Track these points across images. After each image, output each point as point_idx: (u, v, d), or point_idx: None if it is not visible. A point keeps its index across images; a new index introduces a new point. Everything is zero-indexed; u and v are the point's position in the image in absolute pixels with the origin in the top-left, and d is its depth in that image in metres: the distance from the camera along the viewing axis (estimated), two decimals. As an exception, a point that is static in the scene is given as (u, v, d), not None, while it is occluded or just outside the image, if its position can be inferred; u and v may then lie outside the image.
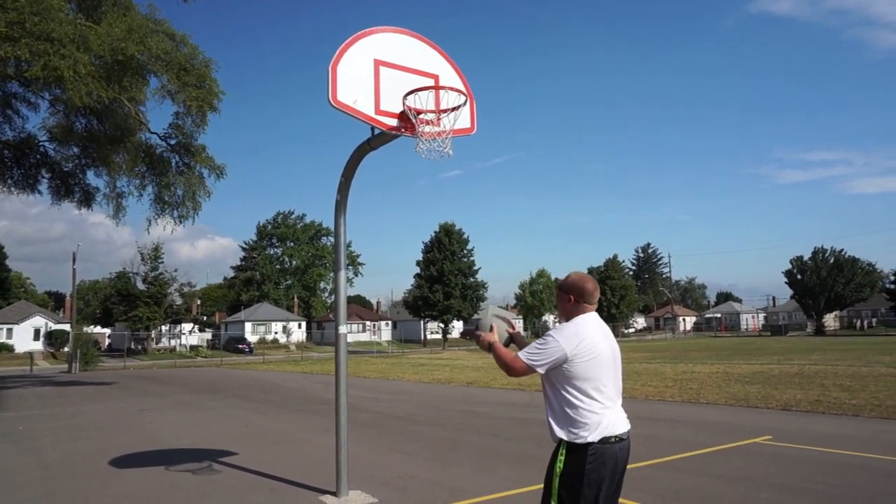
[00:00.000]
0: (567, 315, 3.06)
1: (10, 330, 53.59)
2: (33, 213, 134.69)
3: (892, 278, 62.54)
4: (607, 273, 70.58)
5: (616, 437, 2.82)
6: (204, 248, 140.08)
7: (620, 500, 3.00)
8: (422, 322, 62.57)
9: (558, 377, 2.87)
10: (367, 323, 74.36)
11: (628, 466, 2.93)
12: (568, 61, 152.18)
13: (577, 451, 2.80)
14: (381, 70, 5.37)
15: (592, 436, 2.78)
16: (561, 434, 2.87)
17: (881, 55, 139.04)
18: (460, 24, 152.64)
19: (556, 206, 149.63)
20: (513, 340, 3.29)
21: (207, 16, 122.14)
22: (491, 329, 3.18)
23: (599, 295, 3.10)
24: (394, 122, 5.34)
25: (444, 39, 6.10)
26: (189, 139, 20.15)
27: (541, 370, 2.86)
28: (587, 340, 2.86)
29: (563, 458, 2.84)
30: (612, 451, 2.80)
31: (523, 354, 2.90)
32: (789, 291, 67.77)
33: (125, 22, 15.46)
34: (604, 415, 2.82)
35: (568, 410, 2.84)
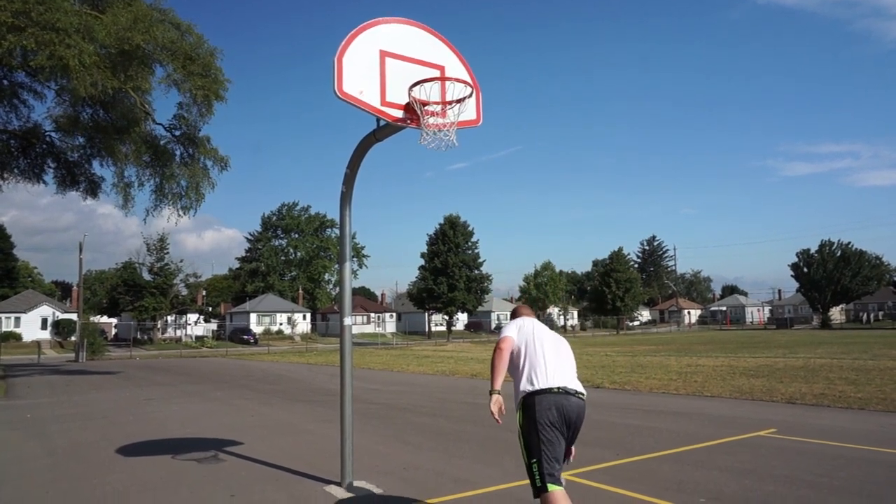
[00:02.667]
0: None
1: (17, 319, 54.02)
2: (43, 203, 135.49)
3: (900, 272, 62.26)
4: (612, 266, 70.45)
5: (558, 387, 3.46)
6: (211, 240, 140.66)
7: (623, 491, 3.08)
8: (426, 314, 62.65)
9: (514, 358, 3.67)
10: (372, 315, 74.52)
11: (632, 459, 2.99)
12: (574, 55, 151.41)
13: (526, 404, 3.49)
14: (386, 61, 5.34)
15: (537, 386, 3.48)
16: (517, 400, 3.58)
17: (890, 46, 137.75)
18: (467, 17, 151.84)
19: (562, 198, 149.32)
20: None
21: (213, 8, 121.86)
22: None
23: (532, 313, 4.13)
24: (399, 114, 5.32)
25: (451, 32, 6.05)
26: (194, 130, 20.17)
27: (513, 335, 3.72)
28: (524, 325, 3.81)
29: (520, 411, 3.54)
30: (557, 399, 3.44)
31: (498, 340, 3.72)
32: (795, 285, 67.50)
33: (131, 12, 15.44)
34: (543, 375, 3.51)
35: (520, 378, 3.59)
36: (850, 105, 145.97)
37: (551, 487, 3.32)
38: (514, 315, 4.10)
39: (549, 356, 3.62)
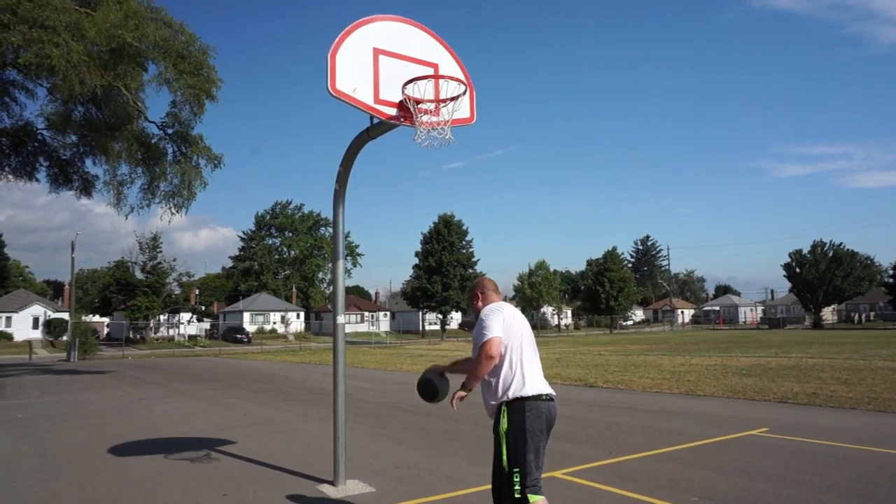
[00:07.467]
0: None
1: (8, 318, 53.65)
2: (39, 202, 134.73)
3: (891, 272, 62.71)
4: (606, 265, 70.58)
5: (546, 395, 3.37)
6: (206, 238, 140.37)
7: (617, 490, 3.10)
8: (420, 313, 62.65)
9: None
10: (366, 313, 74.45)
11: (625, 457, 3.00)
12: (569, 54, 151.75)
13: (515, 407, 3.31)
14: (380, 59, 5.33)
15: (527, 391, 3.31)
16: (500, 399, 3.37)
17: (883, 50, 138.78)
18: (462, 15, 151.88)
19: (556, 197, 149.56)
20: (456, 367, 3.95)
21: (206, 6, 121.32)
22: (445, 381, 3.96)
23: (499, 291, 3.82)
24: (393, 112, 5.30)
25: (445, 30, 6.04)
26: (187, 128, 20.06)
27: (501, 333, 3.38)
28: (507, 317, 3.48)
29: (505, 416, 3.32)
30: (546, 407, 3.35)
31: (481, 337, 3.40)
32: (788, 285, 67.95)
33: (122, 9, 15.32)
34: (531, 378, 3.38)
35: (504, 376, 3.38)
36: (844, 107, 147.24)
37: (533, 498, 3.20)
38: (486, 296, 3.74)
39: (533, 357, 3.50)
